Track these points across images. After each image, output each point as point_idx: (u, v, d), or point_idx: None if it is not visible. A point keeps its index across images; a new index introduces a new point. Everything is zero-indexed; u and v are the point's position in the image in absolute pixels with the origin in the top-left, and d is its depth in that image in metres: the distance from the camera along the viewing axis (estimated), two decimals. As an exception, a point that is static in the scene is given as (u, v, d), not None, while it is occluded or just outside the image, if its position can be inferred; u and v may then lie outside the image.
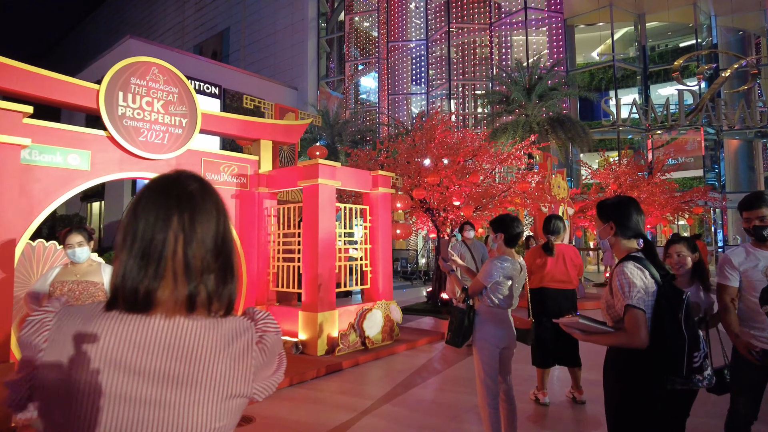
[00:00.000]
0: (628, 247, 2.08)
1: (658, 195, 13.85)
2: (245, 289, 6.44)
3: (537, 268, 4.31)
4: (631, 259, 1.98)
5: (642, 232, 2.07)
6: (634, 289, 1.89)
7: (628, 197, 2.15)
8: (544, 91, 15.78)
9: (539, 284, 4.30)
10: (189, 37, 43.29)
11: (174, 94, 5.83)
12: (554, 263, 4.23)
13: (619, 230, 2.10)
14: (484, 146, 8.93)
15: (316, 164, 5.90)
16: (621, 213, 2.09)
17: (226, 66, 30.09)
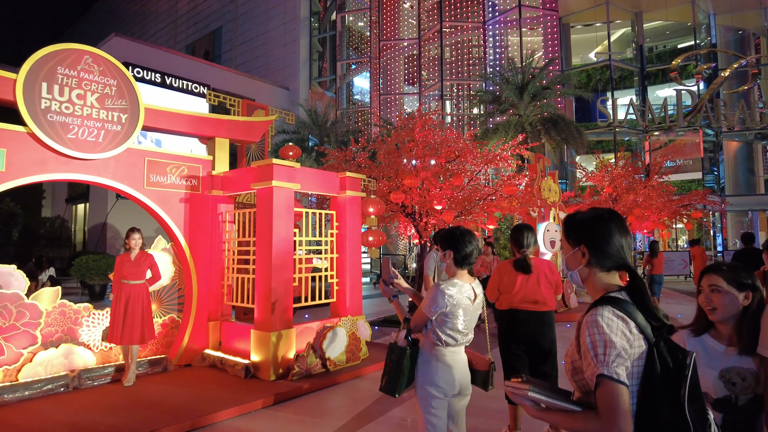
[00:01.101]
0: (606, 283, 1.44)
1: (656, 198, 13.23)
2: (195, 304, 5.80)
3: (506, 287, 3.64)
4: (610, 303, 1.34)
5: (627, 262, 1.43)
6: (611, 351, 1.26)
7: (609, 210, 1.50)
8: (537, 90, 15.17)
9: (509, 306, 3.62)
10: (181, 36, 42.90)
11: (112, 87, 5.19)
12: (525, 281, 3.56)
13: (593, 258, 1.44)
14: (468, 146, 8.30)
15: (270, 164, 5.26)
16: (597, 233, 1.44)
17: (215, 65, 29.55)
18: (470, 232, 2.53)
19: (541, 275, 3.62)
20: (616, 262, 1.42)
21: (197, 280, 5.85)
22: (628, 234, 1.45)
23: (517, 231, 3.65)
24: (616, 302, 1.34)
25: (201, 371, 5.55)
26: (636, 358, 1.28)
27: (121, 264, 5.05)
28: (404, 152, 7.95)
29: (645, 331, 1.31)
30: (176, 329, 5.83)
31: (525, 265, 3.54)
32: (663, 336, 1.32)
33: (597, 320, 1.30)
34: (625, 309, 1.32)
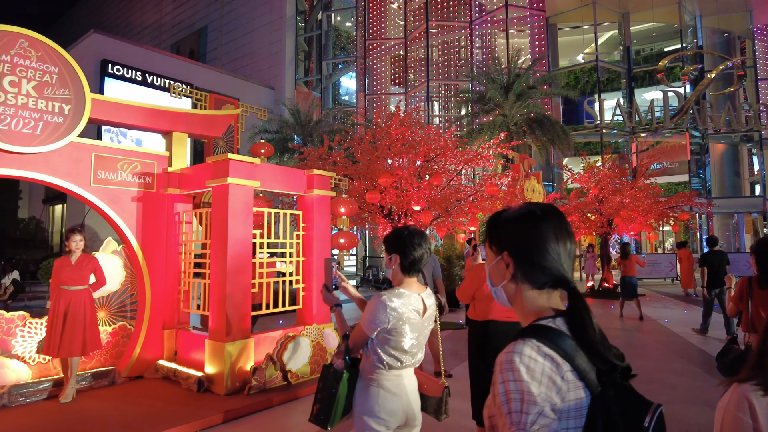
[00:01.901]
0: (537, 305, 1.06)
1: (642, 200, 13.00)
2: (149, 311, 5.36)
3: (483, 293, 3.25)
4: (535, 336, 0.96)
5: (565, 277, 1.05)
6: (530, 408, 0.88)
7: (545, 207, 1.10)
8: (523, 90, 14.89)
9: (485, 316, 3.23)
10: (166, 36, 42.33)
11: (52, 75, 4.75)
12: None
13: (519, 271, 1.07)
14: (449, 145, 7.95)
15: (226, 160, 4.85)
16: (525, 238, 1.06)
17: (199, 64, 29.04)
18: (421, 233, 2.15)
19: None
20: (550, 277, 1.03)
21: (151, 285, 5.41)
22: (568, 239, 1.06)
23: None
24: (545, 334, 0.96)
25: (152, 384, 5.11)
26: (571, 416, 0.91)
27: (60, 268, 4.60)
28: (380, 150, 7.58)
29: (586, 377, 0.93)
30: (127, 338, 5.39)
31: None
32: (615, 383, 0.94)
33: (513, 361, 0.92)
34: (558, 344, 0.94)
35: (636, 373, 1.01)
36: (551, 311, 1.03)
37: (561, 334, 0.96)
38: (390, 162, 7.57)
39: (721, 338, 7.65)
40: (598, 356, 0.95)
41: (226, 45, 35.63)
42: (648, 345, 7.36)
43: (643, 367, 5.93)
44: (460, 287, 3.35)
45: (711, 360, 6.26)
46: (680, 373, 5.69)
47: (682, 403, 4.62)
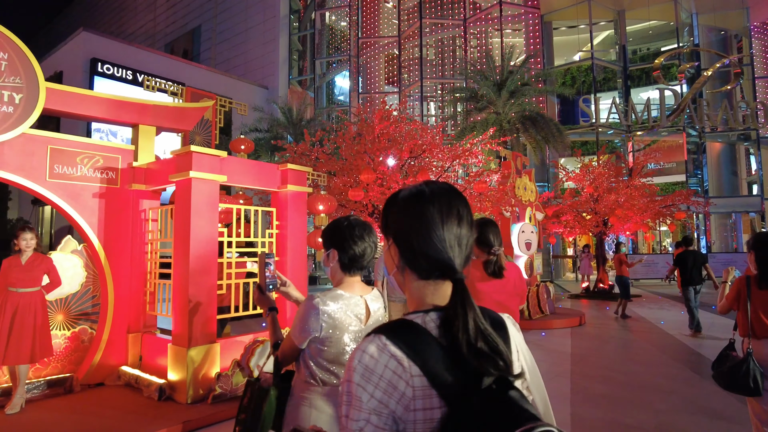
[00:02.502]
0: (419, 298, 0.92)
1: (638, 198, 12.72)
2: (112, 314, 5.05)
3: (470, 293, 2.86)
4: (388, 333, 0.81)
5: (450, 266, 0.88)
6: (357, 415, 0.77)
7: (437, 186, 0.93)
8: (516, 87, 14.60)
9: None
10: (160, 35, 42.11)
11: (1, 62, 4.44)
12: (495, 288, 2.74)
13: (403, 258, 0.92)
14: (435, 140, 7.65)
15: (189, 152, 4.54)
16: (407, 220, 0.91)
17: (191, 63, 28.75)
18: (364, 225, 1.84)
19: (510, 282, 2.84)
20: (435, 266, 0.88)
21: (114, 287, 5.09)
22: (457, 222, 0.89)
23: (482, 227, 2.81)
24: (400, 331, 0.82)
25: (112, 392, 4.79)
26: (418, 428, 0.77)
27: (8, 269, 4.28)
28: (362, 145, 7.29)
29: (441, 384, 0.77)
30: (88, 343, 5.07)
31: (498, 269, 2.73)
32: (487, 395, 0.77)
33: (353, 359, 0.81)
34: (410, 344, 0.79)
35: (512, 381, 0.81)
36: (430, 305, 0.88)
37: (421, 332, 0.82)
38: (373, 158, 7.27)
39: (718, 338, 7.36)
40: (460, 361, 0.79)
41: (220, 45, 35.42)
42: (642, 347, 7.07)
43: (636, 372, 5.63)
44: None
45: (707, 363, 5.96)
46: (674, 377, 5.40)
47: (676, 413, 4.32)
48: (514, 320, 1.06)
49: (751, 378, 2.56)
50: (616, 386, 5.09)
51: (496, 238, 2.75)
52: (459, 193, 0.94)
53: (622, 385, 5.13)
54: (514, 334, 1.01)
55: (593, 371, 5.69)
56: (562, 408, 4.42)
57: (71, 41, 24.19)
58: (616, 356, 6.50)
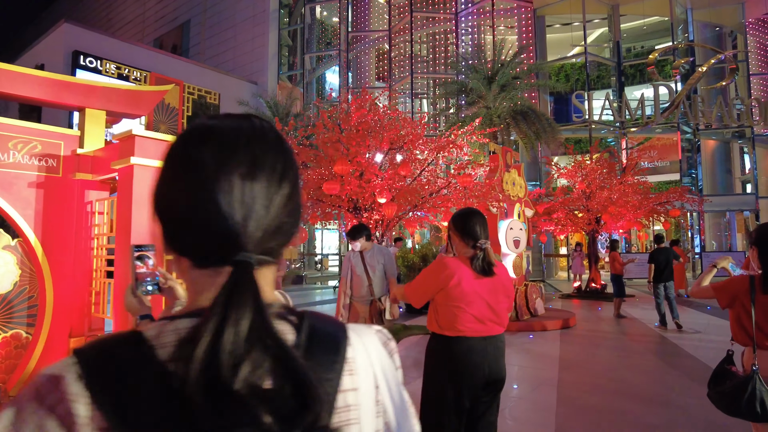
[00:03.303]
0: (193, 297, 0.58)
1: (631, 195, 12.32)
2: (51, 316, 4.55)
3: (451, 297, 2.27)
4: (79, 354, 0.51)
5: (229, 234, 0.52)
6: None
7: (232, 120, 0.58)
8: (508, 80, 14.17)
9: (456, 331, 2.26)
10: (149, 30, 41.60)
11: None
12: (485, 289, 2.29)
13: (167, 234, 0.58)
14: (416, 131, 7.19)
15: (130, 136, 4.05)
16: (174, 173, 0.57)
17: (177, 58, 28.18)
18: None
19: (501, 281, 2.39)
20: (206, 241, 0.54)
21: (54, 287, 4.60)
22: (252, 172, 0.55)
23: (465, 218, 2.36)
24: (104, 349, 0.52)
25: (46, 405, 4.29)
26: None
27: None
28: (336, 133, 6.83)
29: (131, 417, 0.46)
30: (23, 349, 4.57)
31: (488, 265, 2.29)
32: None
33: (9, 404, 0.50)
34: (106, 378, 0.48)
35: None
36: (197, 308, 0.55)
37: (133, 357, 0.50)
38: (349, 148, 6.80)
39: (714, 341, 6.96)
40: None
41: (209, 39, 34.96)
42: (635, 352, 6.64)
43: (628, 380, 5.20)
44: (411, 284, 2.46)
45: (704, 370, 5.53)
46: (670, 386, 4.97)
47: (672, 428, 3.89)
48: (388, 337, 0.65)
49: (758, 401, 2.10)
50: (607, 396, 4.65)
51: (482, 231, 2.33)
52: (266, 133, 0.59)
53: (614, 395, 4.70)
54: (374, 362, 0.59)
55: (582, 379, 5.25)
56: (546, 422, 3.98)
57: (53, 33, 23.58)
58: (608, 361, 6.07)
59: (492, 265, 2.29)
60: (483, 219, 2.37)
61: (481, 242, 2.29)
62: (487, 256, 2.28)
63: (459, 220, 2.38)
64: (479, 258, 2.28)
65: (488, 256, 2.29)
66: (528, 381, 5.24)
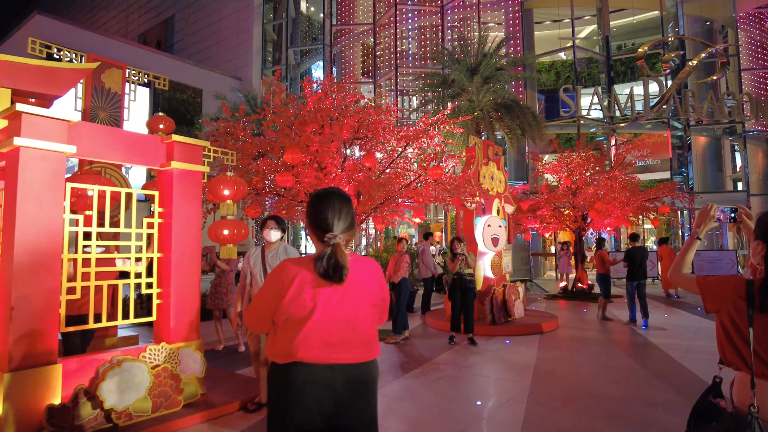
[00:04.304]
0: None
1: (619, 191, 11.77)
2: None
3: (291, 309, 1.66)
4: None
5: None
6: None
7: None
8: (491, 72, 13.58)
9: (289, 355, 1.66)
10: (133, 26, 40.93)
11: None
12: (333, 299, 1.67)
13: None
14: (381, 119, 6.58)
15: (16, 113, 3.42)
16: None
17: (158, 52, 27.52)
18: None
19: (363, 288, 1.75)
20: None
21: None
22: None
23: (316, 201, 1.77)
24: None
25: None
26: None
27: None
28: (287, 119, 6.21)
29: None
30: None
31: (335, 266, 1.65)
32: None
33: None
34: None
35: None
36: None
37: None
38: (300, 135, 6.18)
39: (705, 345, 6.42)
40: None
41: (194, 35, 34.36)
42: (618, 360, 6.07)
43: (608, 394, 4.62)
44: (250, 309, 1.80)
45: (695, 383, 4.97)
46: (654, 401, 4.39)
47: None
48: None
49: None
50: (581, 415, 4.06)
51: (339, 219, 1.72)
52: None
53: (589, 413, 4.11)
54: None
55: (556, 393, 4.67)
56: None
57: (25, 26, 22.90)
58: (587, 371, 5.49)
59: (342, 267, 1.64)
60: (342, 202, 1.75)
61: (329, 236, 1.68)
62: (336, 254, 1.66)
63: (310, 204, 1.79)
64: (323, 258, 1.65)
65: (337, 254, 1.66)
66: (495, 395, 4.65)
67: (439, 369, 5.56)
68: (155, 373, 3.84)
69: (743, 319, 1.62)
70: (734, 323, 1.66)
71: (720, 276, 1.74)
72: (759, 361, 1.59)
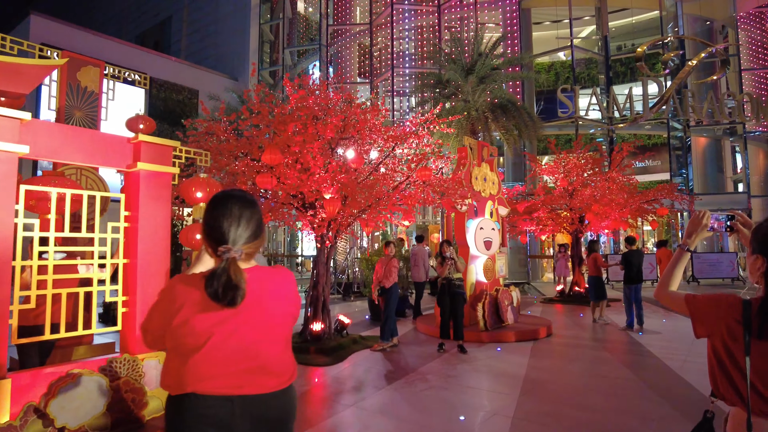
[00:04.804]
0: None
1: (616, 193, 11.53)
2: None
3: (182, 333, 1.40)
4: None
5: None
6: None
7: None
8: (487, 72, 13.34)
9: (179, 387, 1.41)
10: (131, 27, 40.94)
11: None
12: (228, 323, 1.42)
13: None
14: (367, 117, 6.35)
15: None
16: None
17: (153, 53, 27.35)
18: None
19: (270, 306, 1.50)
20: None
21: None
22: None
23: (211, 207, 1.51)
24: None
25: None
26: None
27: None
28: (264, 118, 5.99)
29: None
30: None
31: (226, 287, 1.38)
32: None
33: None
34: None
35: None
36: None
37: None
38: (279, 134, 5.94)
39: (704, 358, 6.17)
40: None
41: (191, 36, 34.32)
42: (613, 370, 5.82)
43: (600, 408, 4.37)
44: (143, 321, 1.54)
45: (691, 395, 4.73)
46: (649, 417, 4.14)
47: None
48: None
49: None
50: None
51: (239, 228, 1.46)
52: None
53: (579, 429, 3.87)
54: None
55: (544, 407, 4.42)
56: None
57: (20, 26, 22.78)
58: (580, 383, 5.25)
59: (234, 288, 1.37)
60: (243, 208, 1.48)
61: (221, 249, 1.41)
62: (229, 272, 1.38)
63: (205, 211, 1.51)
64: (213, 276, 1.38)
65: (230, 272, 1.38)
66: (480, 409, 4.41)
67: (425, 379, 5.32)
68: (115, 387, 3.61)
69: (739, 346, 1.38)
70: (728, 351, 1.42)
71: (712, 294, 1.50)
72: (757, 396, 1.36)
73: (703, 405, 4.26)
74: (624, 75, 28.37)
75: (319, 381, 5.32)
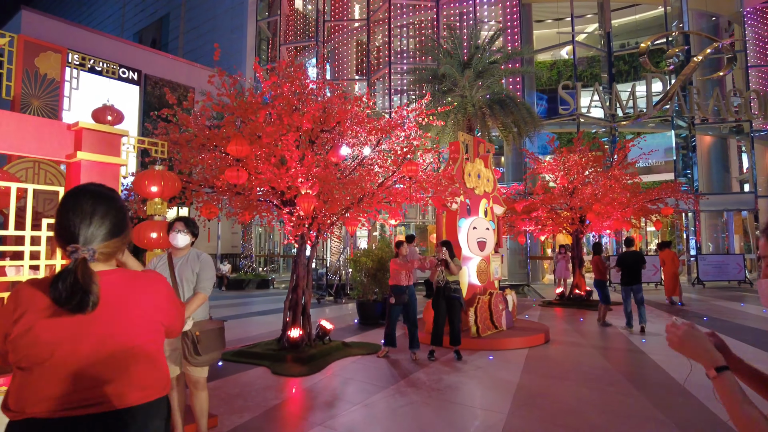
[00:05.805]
0: None
1: (618, 191, 11.03)
2: None
3: (18, 357, 1.20)
4: None
5: None
6: None
7: None
8: (484, 66, 12.87)
9: (18, 411, 1.18)
10: (129, 24, 40.76)
11: None
12: (79, 331, 1.22)
13: None
14: (346, 108, 5.89)
15: None
16: None
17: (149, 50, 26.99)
18: None
19: (126, 313, 1.30)
20: None
21: None
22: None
23: (61, 202, 1.31)
24: None
25: None
26: None
27: None
28: (230, 108, 5.55)
29: None
30: None
31: (72, 290, 1.17)
32: None
33: None
34: None
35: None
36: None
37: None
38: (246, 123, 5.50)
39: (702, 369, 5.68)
40: None
41: (188, 33, 34.06)
42: (613, 382, 5.33)
43: (596, 426, 3.90)
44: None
45: (700, 412, 4.25)
46: (651, 439, 3.67)
47: None
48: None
49: None
50: (562, 458, 3.35)
51: (90, 225, 1.29)
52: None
53: (572, 454, 3.40)
54: None
55: (535, 423, 3.95)
56: None
57: (11, 22, 22.43)
58: (576, 396, 4.77)
59: (82, 292, 1.18)
60: (96, 203, 1.31)
61: (70, 248, 1.24)
62: (77, 274, 1.19)
63: (56, 208, 1.32)
64: (59, 279, 1.18)
65: (78, 273, 1.19)
66: (466, 425, 3.94)
67: (409, 392, 4.86)
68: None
69: None
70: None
71: None
72: None
73: (713, 427, 3.78)
74: (627, 74, 27.87)
75: (289, 394, 4.86)
